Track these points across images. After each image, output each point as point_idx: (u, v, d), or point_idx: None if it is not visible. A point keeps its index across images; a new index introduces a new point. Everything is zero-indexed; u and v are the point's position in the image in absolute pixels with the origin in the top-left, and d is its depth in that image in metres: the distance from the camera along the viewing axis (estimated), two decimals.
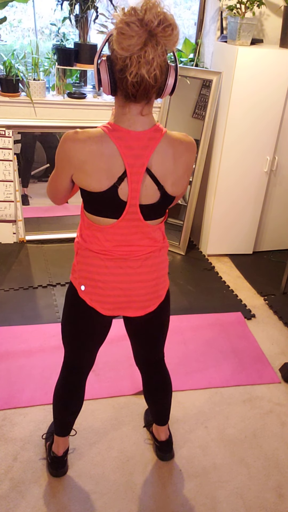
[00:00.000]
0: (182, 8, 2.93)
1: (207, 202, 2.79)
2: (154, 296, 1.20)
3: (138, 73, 0.88)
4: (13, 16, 2.73)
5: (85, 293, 1.16)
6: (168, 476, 1.47)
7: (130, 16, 0.84)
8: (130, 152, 0.98)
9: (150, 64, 0.87)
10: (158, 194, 1.05)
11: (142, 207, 1.05)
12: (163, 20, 0.85)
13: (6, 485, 1.40)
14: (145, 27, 0.84)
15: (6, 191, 2.67)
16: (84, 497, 1.39)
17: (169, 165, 1.02)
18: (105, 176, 0.99)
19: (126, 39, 0.84)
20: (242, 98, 2.43)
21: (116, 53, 0.88)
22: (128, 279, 1.15)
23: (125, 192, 1.02)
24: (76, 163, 0.99)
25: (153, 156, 1.00)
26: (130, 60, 0.87)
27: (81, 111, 2.64)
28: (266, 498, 1.43)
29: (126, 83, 0.90)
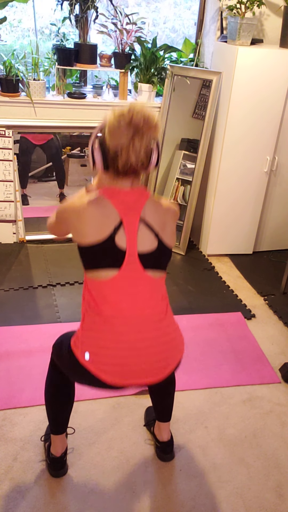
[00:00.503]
0: (182, 8, 2.93)
1: (207, 202, 2.79)
2: (165, 364, 1.15)
3: (127, 159, 1.04)
4: (13, 16, 2.73)
5: (89, 362, 1.11)
6: (168, 476, 1.47)
7: (120, 117, 1.02)
8: (123, 205, 1.10)
9: (138, 152, 1.04)
10: (156, 242, 1.13)
11: (140, 256, 1.11)
12: (146, 120, 1.02)
13: (6, 485, 1.40)
14: (133, 127, 1.02)
15: (6, 191, 2.67)
16: (84, 497, 1.39)
17: (159, 220, 1.14)
18: (102, 228, 1.08)
19: (117, 137, 1.02)
20: (242, 98, 2.43)
21: (108, 145, 1.05)
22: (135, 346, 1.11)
23: (123, 241, 1.09)
24: (74, 226, 1.12)
25: (145, 208, 1.11)
26: (120, 151, 1.04)
27: (81, 111, 2.64)
28: (266, 498, 1.43)
29: (117, 166, 1.06)
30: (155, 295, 1.15)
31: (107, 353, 1.11)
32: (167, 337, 1.17)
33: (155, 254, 1.12)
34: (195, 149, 2.73)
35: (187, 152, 2.82)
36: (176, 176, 2.88)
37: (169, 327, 1.18)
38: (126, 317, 1.11)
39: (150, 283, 1.13)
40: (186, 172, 2.85)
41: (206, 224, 2.82)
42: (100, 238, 1.07)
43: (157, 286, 1.16)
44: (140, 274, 1.11)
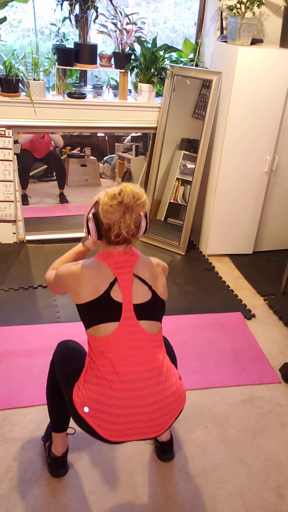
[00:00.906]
0: (182, 8, 2.93)
1: (207, 202, 2.79)
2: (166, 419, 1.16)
3: (119, 233, 1.16)
4: (13, 16, 2.73)
5: (88, 416, 1.13)
6: (168, 476, 1.47)
7: (112, 200, 1.12)
8: (117, 265, 1.19)
9: (129, 226, 1.15)
10: (150, 294, 1.20)
11: (135, 307, 1.17)
12: (136, 199, 1.13)
13: (6, 485, 1.40)
14: (124, 206, 1.13)
15: (6, 191, 2.67)
16: (84, 497, 1.39)
17: (151, 275, 1.22)
18: (97, 285, 1.16)
19: (110, 215, 1.13)
20: (242, 98, 2.43)
21: (101, 220, 1.16)
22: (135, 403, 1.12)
23: (118, 294, 1.16)
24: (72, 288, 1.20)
25: (137, 265, 1.20)
26: (113, 225, 1.15)
27: (81, 111, 2.64)
28: (266, 498, 1.43)
29: (110, 237, 1.18)
30: (154, 349, 1.17)
31: (105, 410, 1.12)
32: (167, 392, 1.17)
33: (149, 304, 1.19)
34: (195, 149, 2.73)
35: (187, 152, 2.83)
36: (176, 176, 2.88)
37: (169, 380, 1.18)
38: (125, 374, 1.13)
39: (147, 338, 1.17)
40: (186, 172, 2.85)
41: (206, 224, 2.82)
42: (97, 295, 1.15)
43: (154, 340, 1.18)
44: (137, 328, 1.16)
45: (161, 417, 1.15)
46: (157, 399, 1.14)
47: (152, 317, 1.19)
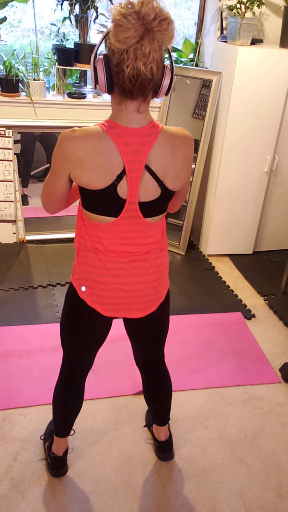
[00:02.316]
0: (182, 8, 2.93)
1: (207, 202, 2.79)
2: (155, 297, 1.20)
3: (135, 66, 0.88)
4: (13, 16, 2.73)
5: (85, 294, 1.16)
6: (168, 476, 1.47)
7: (127, 9, 0.85)
8: (128, 149, 0.98)
9: (147, 57, 0.88)
10: (159, 191, 1.05)
11: (141, 205, 1.05)
12: (159, 14, 0.86)
13: (6, 485, 1.40)
14: (142, 20, 0.85)
15: (6, 191, 2.67)
16: (84, 497, 1.39)
17: (168, 159, 1.03)
18: (104, 173, 0.99)
19: (123, 31, 0.85)
20: (242, 98, 2.43)
21: (113, 47, 0.89)
22: (129, 280, 1.15)
23: (124, 190, 1.02)
24: (74, 160, 0.99)
25: (151, 152, 1.00)
26: (127, 54, 0.88)
27: (81, 111, 2.64)
28: (266, 498, 1.43)
29: (123, 77, 0.90)
30: (153, 233, 1.12)
31: (101, 286, 1.14)
32: (159, 275, 1.19)
33: (156, 202, 1.06)
34: (195, 149, 2.72)
35: None
36: None
37: (163, 264, 1.20)
38: (120, 254, 1.12)
39: (148, 227, 1.10)
40: None
41: (206, 224, 2.82)
42: (102, 185, 0.99)
43: (155, 227, 1.12)
44: (139, 221, 1.07)
45: (150, 294, 1.18)
46: (150, 279, 1.16)
47: (157, 213, 1.09)
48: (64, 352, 1.32)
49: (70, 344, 1.28)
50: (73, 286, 1.19)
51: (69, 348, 1.29)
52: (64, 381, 1.33)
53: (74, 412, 1.37)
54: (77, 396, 1.35)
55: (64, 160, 1.00)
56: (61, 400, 1.35)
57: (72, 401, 1.35)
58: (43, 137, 3.34)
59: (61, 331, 1.29)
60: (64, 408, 1.36)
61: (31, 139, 3.28)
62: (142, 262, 1.15)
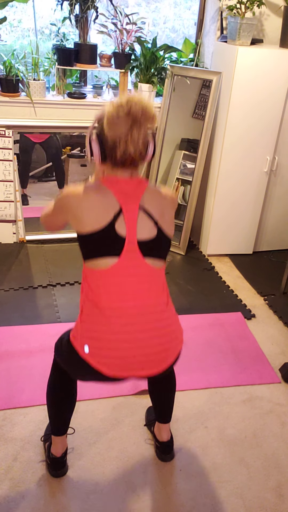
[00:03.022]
0: (182, 8, 2.93)
1: (207, 202, 2.79)
2: (166, 355, 1.15)
3: (126, 150, 1.05)
4: (13, 16, 2.73)
5: (89, 355, 1.10)
6: (168, 476, 1.47)
7: (118, 108, 1.03)
8: (122, 193, 1.10)
9: (136, 143, 1.05)
10: (155, 230, 1.12)
11: (140, 244, 1.10)
12: (144, 111, 1.04)
13: (6, 485, 1.40)
14: (131, 116, 1.03)
15: (6, 191, 2.67)
16: (84, 497, 1.39)
17: (158, 209, 1.14)
18: (101, 215, 1.08)
19: (116, 125, 1.03)
20: (242, 98, 2.43)
21: (107, 136, 1.05)
22: (135, 337, 1.10)
23: (123, 228, 1.09)
24: (73, 213, 1.11)
25: (144, 196, 1.12)
26: (119, 141, 1.05)
27: (81, 111, 2.64)
28: (266, 498, 1.43)
29: (116, 157, 1.07)
30: (156, 285, 1.14)
31: (106, 345, 1.10)
32: (168, 329, 1.16)
33: (154, 242, 1.12)
34: (195, 149, 2.72)
35: (187, 152, 2.82)
36: (176, 176, 2.88)
37: (170, 318, 1.17)
38: (125, 308, 1.10)
39: (150, 273, 1.12)
40: (186, 172, 2.85)
41: (206, 224, 2.82)
42: (100, 226, 1.07)
43: (157, 276, 1.14)
44: (139, 262, 1.10)
45: (161, 352, 1.13)
46: (157, 334, 1.12)
47: (156, 255, 1.13)
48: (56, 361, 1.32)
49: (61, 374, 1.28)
50: (71, 345, 1.14)
51: (60, 378, 1.30)
52: (55, 378, 1.34)
53: (68, 410, 1.37)
54: (70, 394, 1.34)
55: (65, 210, 1.13)
56: (54, 397, 1.35)
57: (65, 398, 1.35)
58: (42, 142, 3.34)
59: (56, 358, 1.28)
60: (57, 406, 1.36)
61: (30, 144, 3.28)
62: (148, 316, 1.11)
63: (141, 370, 1.13)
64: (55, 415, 1.37)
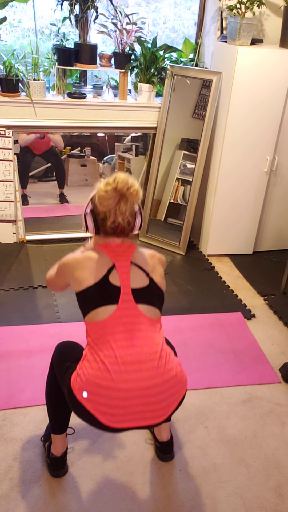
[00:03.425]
0: (182, 8, 2.93)
1: (207, 202, 2.79)
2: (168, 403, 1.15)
3: (115, 220, 1.21)
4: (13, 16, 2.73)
5: (87, 401, 1.12)
6: (168, 476, 1.47)
7: (106, 186, 1.18)
8: (115, 253, 1.24)
9: (124, 214, 1.21)
10: (147, 280, 1.24)
11: (133, 292, 1.20)
12: (130, 187, 1.18)
13: (6, 485, 1.40)
14: (118, 192, 1.18)
15: (6, 191, 2.67)
16: (84, 497, 1.39)
17: (148, 264, 1.27)
18: (97, 272, 1.21)
19: (105, 201, 1.19)
20: (242, 98, 2.43)
21: (98, 209, 1.22)
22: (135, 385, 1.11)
23: (117, 279, 1.20)
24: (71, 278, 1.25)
25: (134, 254, 1.25)
26: (109, 213, 1.21)
27: (81, 111, 2.64)
28: (266, 498, 1.43)
29: (107, 227, 1.23)
30: (152, 333, 1.19)
31: (105, 394, 1.11)
32: (167, 376, 1.16)
33: (147, 290, 1.22)
34: (195, 149, 2.72)
35: (187, 152, 2.82)
36: (176, 176, 2.88)
37: (169, 364, 1.17)
38: (123, 356, 1.13)
39: (146, 321, 1.19)
40: (186, 172, 2.85)
41: (206, 224, 2.82)
42: (95, 280, 1.19)
43: (154, 325, 1.21)
44: (135, 311, 1.19)
45: (162, 401, 1.13)
46: (157, 382, 1.13)
47: (150, 302, 1.22)
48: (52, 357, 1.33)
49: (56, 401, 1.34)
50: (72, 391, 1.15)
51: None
52: (54, 378, 1.34)
53: (67, 408, 1.36)
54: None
55: (66, 275, 1.28)
56: (52, 396, 1.36)
57: (62, 396, 1.34)
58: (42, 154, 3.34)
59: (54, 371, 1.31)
60: (56, 404, 1.36)
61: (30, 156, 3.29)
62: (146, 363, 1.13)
63: (141, 421, 1.13)
64: (54, 413, 1.38)
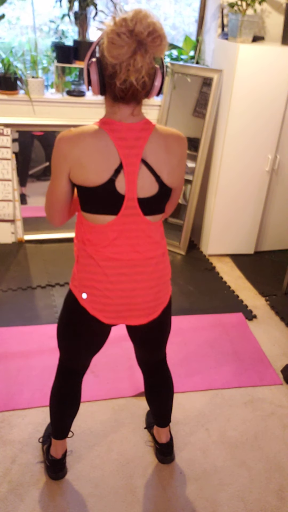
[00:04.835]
0: (182, 5, 2.90)
1: (208, 202, 2.77)
2: (157, 303, 1.19)
3: (127, 80, 0.91)
4: (12, 13, 2.71)
5: (86, 302, 1.14)
6: (169, 479, 1.45)
7: (120, 27, 0.87)
8: (124, 143, 0.99)
9: (139, 72, 0.90)
10: (156, 186, 1.05)
11: (140, 201, 1.05)
12: (152, 31, 0.88)
13: (4, 487, 1.38)
14: (135, 37, 0.87)
15: (4, 190, 2.65)
16: (83, 500, 1.37)
17: (163, 155, 1.03)
18: (101, 168, 0.99)
19: (116, 49, 0.87)
20: (243, 96, 2.41)
21: (106, 60, 0.91)
22: (130, 286, 1.13)
23: (123, 185, 1.02)
24: (72, 159, 0.99)
25: (146, 147, 1.01)
26: (119, 67, 0.90)
27: (80, 109, 2.62)
28: (268, 501, 1.41)
29: (115, 88, 0.94)
30: (154, 238, 1.12)
31: (102, 293, 1.12)
32: (162, 279, 1.18)
33: (155, 198, 1.06)
34: (196, 148, 2.70)
35: (188, 151, 2.80)
36: None
37: (165, 269, 1.19)
38: (119, 260, 1.10)
39: (148, 227, 1.10)
40: (187, 171, 2.83)
41: (207, 224, 2.79)
42: (100, 181, 0.99)
43: (155, 229, 1.12)
44: (138, 219, 1.06)
45: (153, 300, 1.16)
46: (152, 284, 1.14)
47: (156, 211, 1.09)
48: (60, 354, 1.30)
49: (67, 350, 1.27)
50: (72, 293, 1.17)
51: (66, 352, 1.27)
52: (60, 383, 1.32)
53: (71, 414, 1.36)
54: (74, 398, 1.33)
55: (62, 160, 1.01)
56: (57, 402, 1.33)
57: (69, 403, 1.33)
58: (41, 136, 3.32)
59: (58, 335, 1.27)
60: (61, 410, 1.34)
61: (29, 137, 3.26)
62: (144, 268, 1.13)
63: (133, 318, 1.17)
64: (58, 419, 1.35)
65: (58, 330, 1.26)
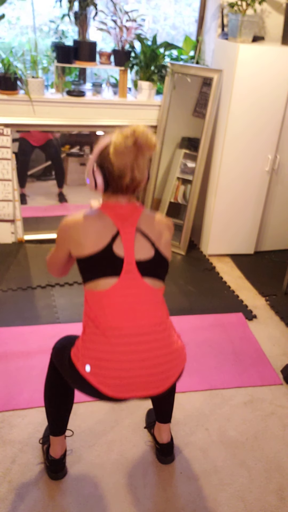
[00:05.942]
0: (182, 5, 2.90)
1: (208, 202, 2.77)
2: (170, 374, 1.16)
3: (133, 176, 1.12)
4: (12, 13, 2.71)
5: (90, 374, 1.12)
6: (169, 479, 1.45)
7: (126, 140, 1.08)
8: (119, 216, 1.16)
9: (142, 170, 1.13)
10: (152, 250, 1.17)
11: (138, 264, 1.14)
12: (149, 142, 1.10)
13: (5, 488, 1.38)
14: (136, 146, 1.09)
15: (4, 190, 2.65)
16: (83, 500, 1.37)
17: (155, 231, 1.19)
18: (100, 238, 1.13)
19: (123, 157, 1.09)
20: (243, 96, 2.41)
21: (113, 165, 1.11)
22: (136, 357, 1.12)
23: (121, 249, 1.13)
24: (70, 241, 1.17)
25: (140, 219, 1.17)
26: (126, 170, 1.11)
27: (80, 109, 2.62)
28: (268, 501, 1.41)
29: (122, 184, 1.13)
30: (156, 305, 1.17)
31: (107, 365, 1.12)
32: (169, 348, 1.16)
33: (152, 262, 1.16)
34: (196, 148, 2.70)
35: (188, 151, 2.80)
36: (177, 175, 2.86)
37: (171, 337, 1.18)
38: (125, 328, 1.12)
39: (149, 293, 1.15)
40: (187, 171, 2.83)
41: (207, 224, 2.80)
42: (99, 248, 1.12)
43: (157, 296, 1.17)
44: (138, 282, 1.14)
45: (163, 372, 1.14)
46: (158, 354, 1.14)
47: (155, 275, 1.17)
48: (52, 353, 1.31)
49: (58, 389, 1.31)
50: (73, 363, 1.15)
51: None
52: (52, 377, 1.33)
53: (66, 408, 1.36)
54: (67, 392, 1.33)
55: (62, 242, 1.20)
56: (51, 397, 1.34)
57: (63, 397, 1.34)
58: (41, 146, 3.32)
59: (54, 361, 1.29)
60: (55, 405, 1.35)
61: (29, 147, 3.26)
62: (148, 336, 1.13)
63: (143, 391, 1.14)
64: (53, 414, 1.36)
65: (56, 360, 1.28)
